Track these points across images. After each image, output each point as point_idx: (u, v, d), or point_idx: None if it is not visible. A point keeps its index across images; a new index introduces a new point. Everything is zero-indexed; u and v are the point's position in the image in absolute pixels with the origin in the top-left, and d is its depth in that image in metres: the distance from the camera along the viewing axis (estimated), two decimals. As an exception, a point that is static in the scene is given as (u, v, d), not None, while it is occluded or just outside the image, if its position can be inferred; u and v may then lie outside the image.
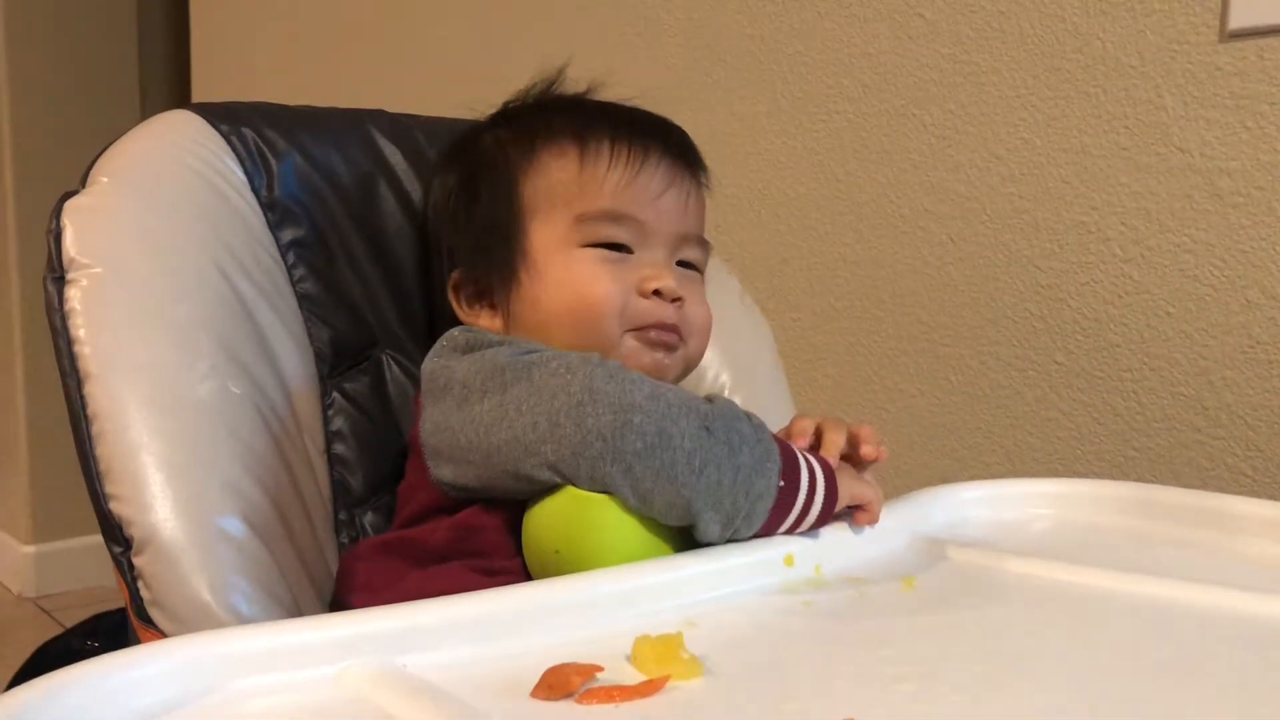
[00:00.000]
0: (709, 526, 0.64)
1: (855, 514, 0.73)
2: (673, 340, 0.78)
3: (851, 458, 0.75)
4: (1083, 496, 0.86)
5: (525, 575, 0.66)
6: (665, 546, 0.66)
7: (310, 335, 0.82)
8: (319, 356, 0.82)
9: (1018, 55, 1.22)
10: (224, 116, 0.82)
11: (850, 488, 0.71)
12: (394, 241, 0.88)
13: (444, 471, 0.69)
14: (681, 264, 0.81)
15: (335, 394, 0.83)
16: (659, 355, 0.77)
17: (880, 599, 0.67)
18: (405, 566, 0.69)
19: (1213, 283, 1.10)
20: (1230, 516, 0.80)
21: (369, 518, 0.81)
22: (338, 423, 0.82)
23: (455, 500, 0.69)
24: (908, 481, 1.34)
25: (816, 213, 1.42)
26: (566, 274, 0.76)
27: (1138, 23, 1.13)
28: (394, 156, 0.89)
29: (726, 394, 0.95)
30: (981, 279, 1.27)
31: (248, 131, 0.82)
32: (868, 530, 0.75)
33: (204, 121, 0.81)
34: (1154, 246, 1.14)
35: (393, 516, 0.79)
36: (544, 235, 0.78)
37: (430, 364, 0.72)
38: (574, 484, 0.64)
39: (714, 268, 0.99)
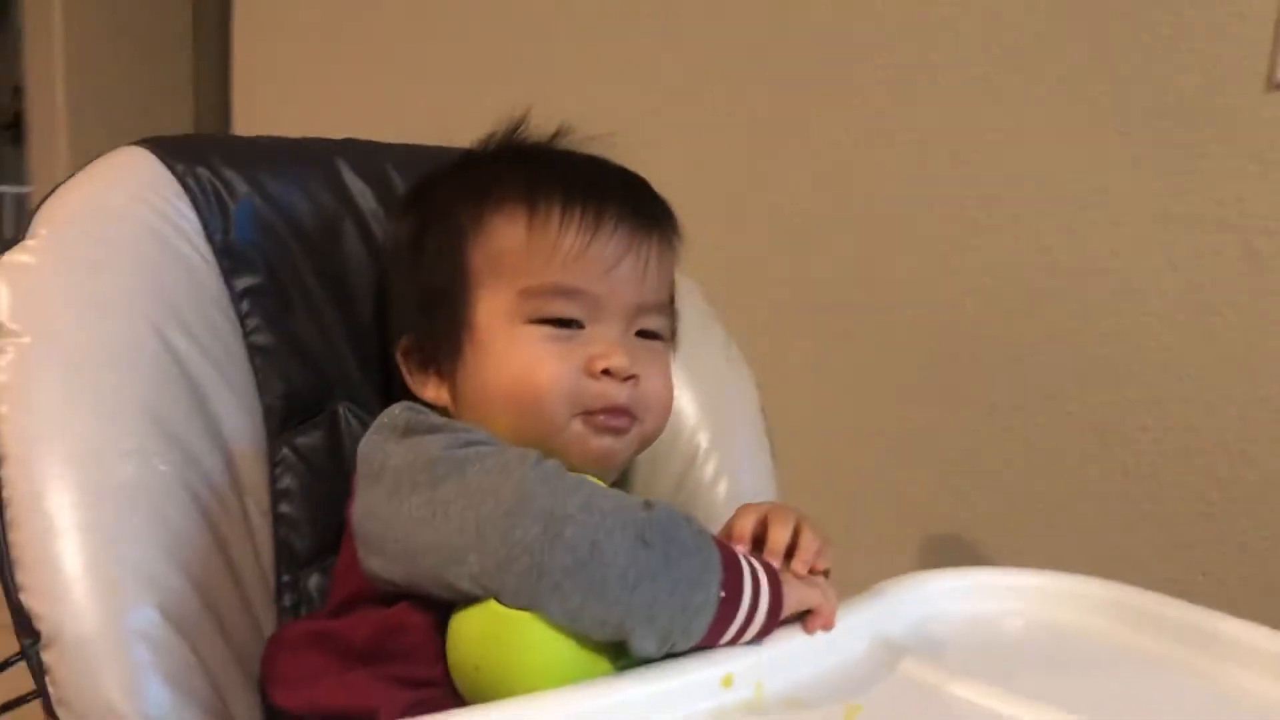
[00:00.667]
0: (643, 643, 0.61)
1: (806, 619, 0.69)
2: (623, 424, 0.74)
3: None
4: (1063, 594, 0.81)
5: (451, 686, 0.63)
6: (599, 662, 0.63)
7: (261, 390, 0.79)
8: (269, 412, 0.79)
9: (1050, 84, 1.15)
10: (180, 154, 0.78)
11: (797, 593, 0.67)
12: (357, 286, 0.84)
13: (372, 562, 0.66)
14: (642, 333, 0.77)
15: (285, 450, 0.80)
16: (607, 441, 0.73)
17: (813, 733, 0.63)
18: (326, 662, 0.66)
19: (1240, 348, 1.03)
20: (1217, 640, 0.75)
21: (314, 580, 0.79)
22: (286, 481, 0.79)
23: (385, 592, 0.66)
24: (916, 513, 1.30)
25: (834, 236, 1.36)
26: (510, 353, 0.72)
27: (1179, 60, 1.05)
28: (362, 194, 0.85)
29: (702, 455, 0.91)
30: (1000, 315, 1.21)
31: (203, 171, 0.78)
32: (823, 637, 0.71)
33: (157, 161, 0.77)
34: (1180, 303, 1.07)
35: (337, 581, 0.76)
36: (489, 307, 0.73)
37: (366, 444, 0.69)
38: (498, 599, 0.60)
39: (697, 318, 0.95)
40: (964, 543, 1.25)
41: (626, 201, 0.75)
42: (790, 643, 0.69)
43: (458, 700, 0.62)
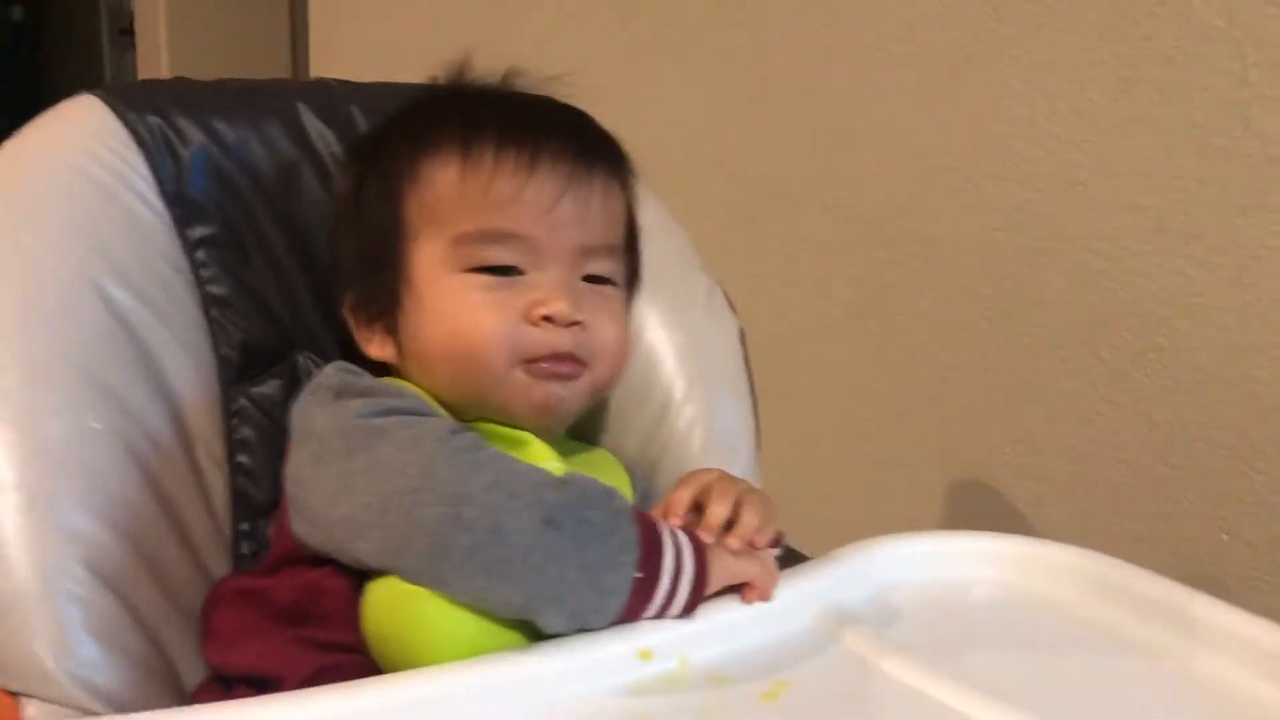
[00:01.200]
0: (552, 622, 0.60)
1: (743, 591, 0.66)
2: (568, 370, 0.71)
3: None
4: (1036, 561, 0.77)
5: (368, 653, 0.63)
6: (510, 636, 0.62)
7: (216, 341, 0.79)
8: (226, 362, 0.79)
9: (1083, 5, 1.05)
10: (131, 102, 0.77)
11: (728, 567, 0.64)
12: (317, 235, 0.83)
13: (298, 525, 0.65)
14: (591, 279, 0.74)
15: (243, 400, 0.80)
16: (551, 388, 0.71)
17: (727, 711, 0.61)
18: (252, 620, 0.67)
19: (1275, 297, 0.95)
20: (1192, 621, 0.70)
21: (272, 529, 0.79)
22: (244, 431, 0.79)
23: (313, 554, 0.66)
24: (939, 460, 1.25)
25: (859, 161, 1.29)
26: (445, 304, 0.70)
27: (1225, -22, 0.95)
28: (323, 138, 0.83)
29: (676, 404, 0.88)
30: (1029, 253, 1.14)
31: (154, 119, 0.77)
32: (762, 609, 0.69)
33: (107, 110, 0.76)
34: (1216, 245, 0.99)
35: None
36: (425, 258, 0.71)
37: (299, 405, 0.68)
38: (401, 577, 0.60)
39: (679, 264, 0.91)
40: (986, 490, 1.20)
41: (566, 139, 0.71)
42: (723, 615, 0.67)
43: (374, 668, 0.62)
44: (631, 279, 0.83)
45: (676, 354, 0.88)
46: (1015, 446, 1.17)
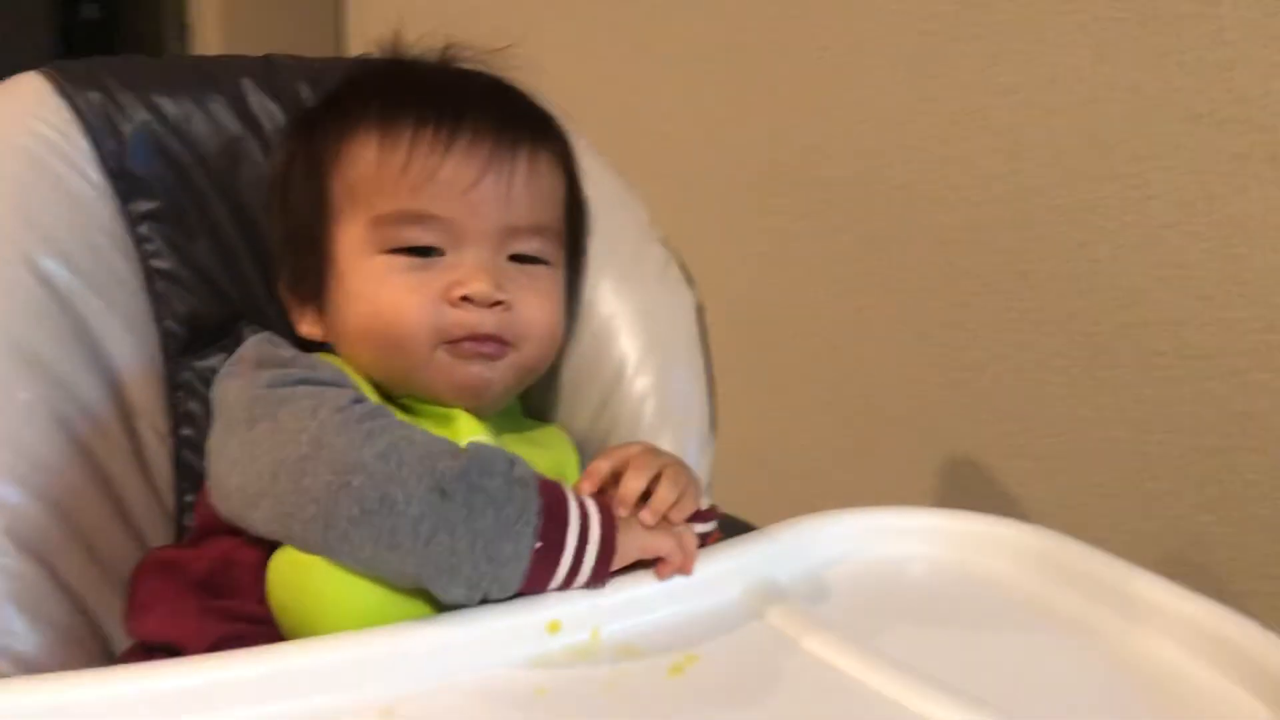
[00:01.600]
0: (449, 593, 0.59)
1: (658, 566, 0.65)
2: (492, 350, 0.70)
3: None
4: (975, 537, 0.75)
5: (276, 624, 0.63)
6: (412, 606, 0.61)
7: (159, 314, 0.79)
8: (170, 336, 0.80)
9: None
10: (74, 80, 0.78)
11: (639, 540, 0.63)
12: (262, 210, 0.83)
13: (213, 495, 0.66)
14: (519, 258, 0.73)
15: (187, 374, 0.80)
16: (476, 368, 0.70)
17: (632, 684, 0.60)
18: (167, 591, 0.67)
19: (1260, 269, 0.91)
20: (1134, 600, 0.68)
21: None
22: (189, 404, 0.80)
23: (227, 525, 0.66)
24: (923, 437, 1.22)
25: (842, 134, 1.27)
26: (365, 286, 0.70)
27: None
28: (268, 113, 0.83)
29: (629, 376, 0.87)
30: (1015, 224, 1.11)
31: (95, 95, 0.78)
32: (683, 583, 0.67)
33: (49, 87, 0.77)
34: (1199, 213, 0.95)
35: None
36: (346, 240, 0.71)
37: (218, 376, 0.68)
38: (291, 545, 0.60)
39: (634, 237, 0.90)
40: (974, 469, 1.17)
41: (487, 116, 0.70)
42: (640, 588, 0.66)
43: (280, 640, 0.62)
44: (574, 255, 0.82)
45: (629, 327, 0.87)
46: (1003, 425, 1.14)
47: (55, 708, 0.52)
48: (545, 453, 0.80)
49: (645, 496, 0.66)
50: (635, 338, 0.87)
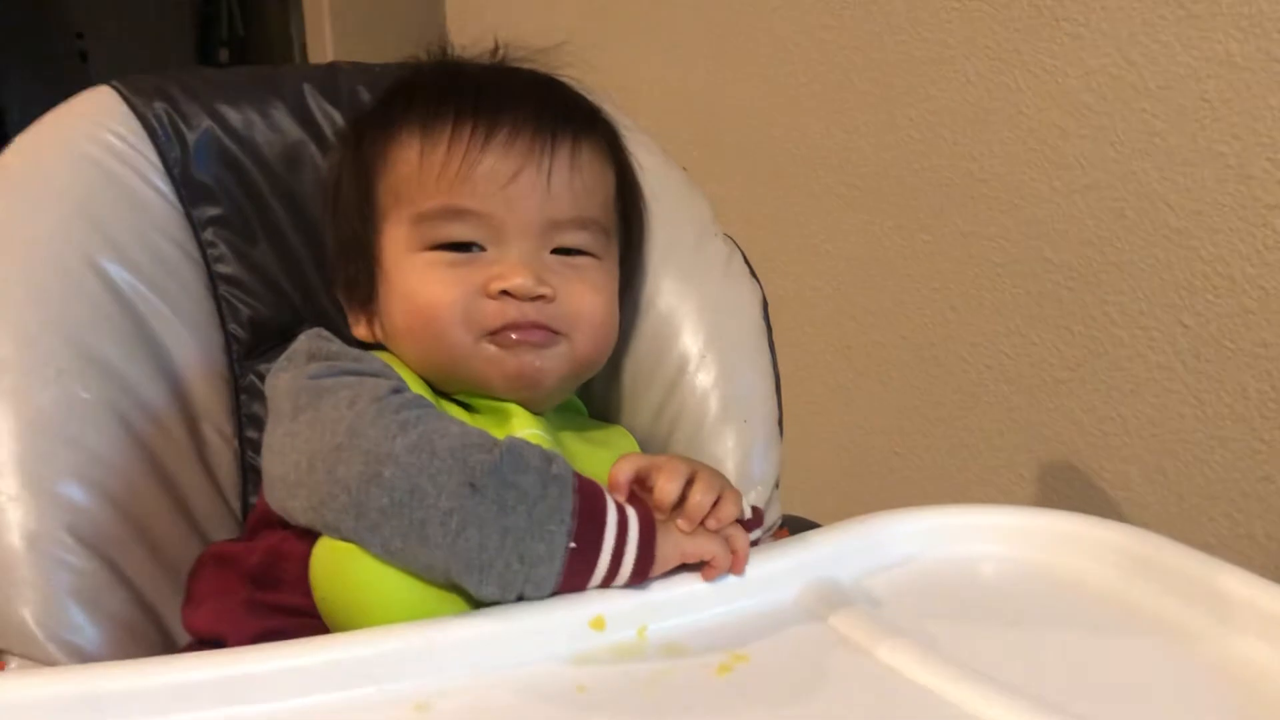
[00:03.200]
0: (481, 590, 0.58)
1: (704, 570, 0.63)
2: (539, 338, 0.69)
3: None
4: (1051, 534, 0.70)
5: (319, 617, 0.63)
6: (459, 602, 0.60)
7: (224, 318, 0.81)
8: (234, 339, 0.81)
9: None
10: (141, 92, 0.80)
11: (679, 545, 0.61)
12: (321, 214, 0.84)
13: (266, 488, 0.66)
14: (563, 251, 0.71)
15: (251, 377, 0.82)
16: (527, 357, 0.69)
17: (676, 683, 0.58)
18: (221, 584, 0.67)
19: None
20: (1225, 601, 0.62)
21: (268, 495, 0.80)
22: (253, 407, 0.81)
23: (279, 518, 0.67)
24: (1022, 439, 1.17)
25: (924, 121, 1.22)
26: (407, 283, 0.70)
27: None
28: (328, 118, 0.84)
29: (691, 372, 0.85)
30: (1108, 213, 1.05)
31: (161, 105, 0.80)
32: (737, 583, 0.65)
33: (118, 99, 0.79)
34: (1305, 192, 0.88)
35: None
36: (391, 240, 0.71)
37: (271, 371, 0.69)
38: (325, 534, 0.59)
39: (695, 231, 0.88)
40: (1070, 471, 1.11)
41: (526, 109, 0.70)
42: (690, 586, 0.64)
43: (325, 633, 0.61)
44: (629, 248, 0.80)
45: (691, 323, 0.85)
46: (1101, 425, 1.08)
47: (88, 697, 0.52)
48: (607, 452, 0.79)
49: (680, 503, 0.64)
50: (697, 333, 0.85)
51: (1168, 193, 0.98)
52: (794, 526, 0.91)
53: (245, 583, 0.67)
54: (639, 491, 0.63)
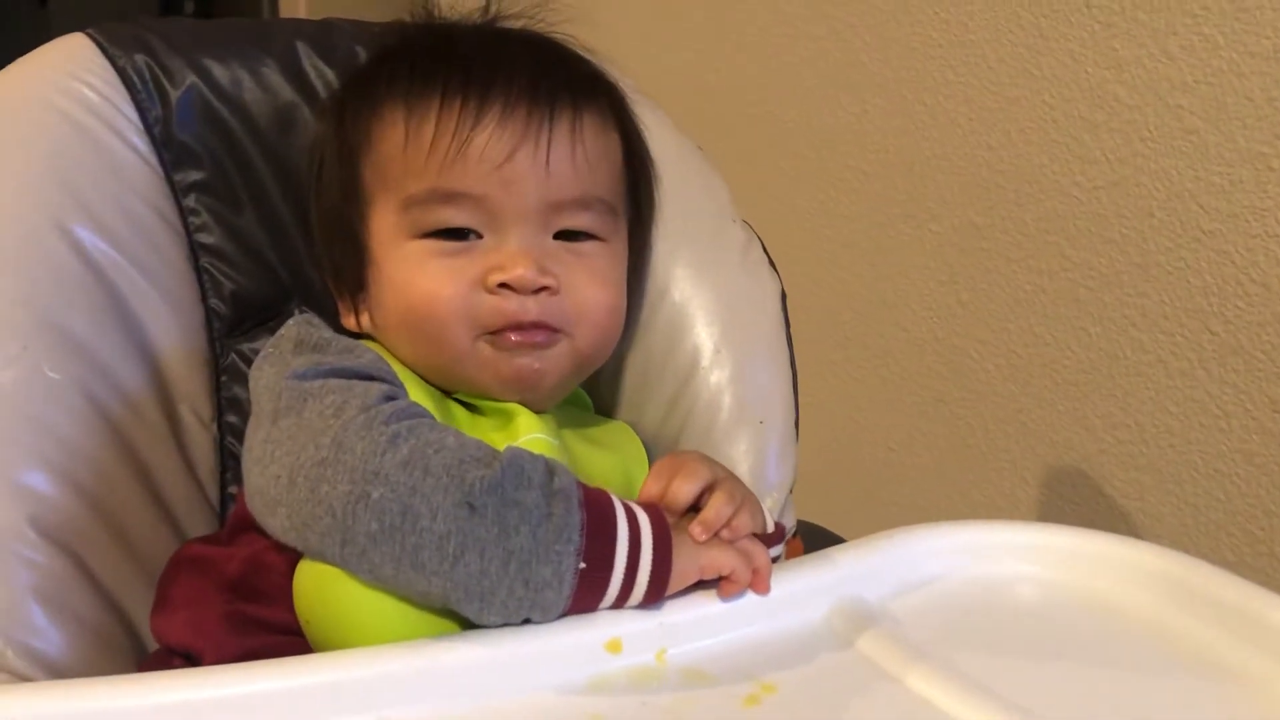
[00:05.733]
0: (482, 618, 0.53)
1: (722, 585, 0.58)
2: (539, 339, 0.64)
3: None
4: (1092, 557, 0.66)
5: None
6: (454, 623, 0.55)
7: (204, 292, 0.75)
8: (214, 315, 0.75)
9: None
10: (120, 42, 0.73)
11: (699, 557, 0.56)
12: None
13: (247, 496, 0.60)
14: (566, 235, 0.66)
15: (233, 356, 0.76)
16: (524, 361, 0.64)
17: (700, 715, 0.53)
18: (197, 591, 0.61)
19: None
20: (1272, 632, 0.58)
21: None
22: (234, 389, 0.75)
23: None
24: (1031, 443, 1.13)
25: (943, 112, 1.17)
26: (399, 274, 0.64)
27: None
28: (322, 78, 0.77)
29: (704, 368, 0.79)
30: (1136, 212, 1.01)
31: (142, 58, 0.73)
32: (760, 602, 0.60)
33: (95, 49, 0.73)
34: (1352, 199, 0.84)
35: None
36: (380, 227, 0.65)
37: (256, 360, 0.63)
38: (309, 557, 0.54)
39: (713, 216, 0.82)
40: (1083, 479, 1.07)
41: (521, 80, 0.64)
42: (711, 606, 0.59)
43: (309, 651, 0.56)
44: (638, 225, 0.74)
45: (705, 315, 0.79)
46: (1116, 431, 1.04)
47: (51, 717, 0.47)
48: (610, 454, 0.74)
49: (695, 510, 0.59)
50: (712, 326, 0.79)
51: (1200, 193, 0.94)
52: (805, 532, 0.87)
53: (223, 591, 0.61)
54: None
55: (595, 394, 0.80)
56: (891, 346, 1.27)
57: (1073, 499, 1.08)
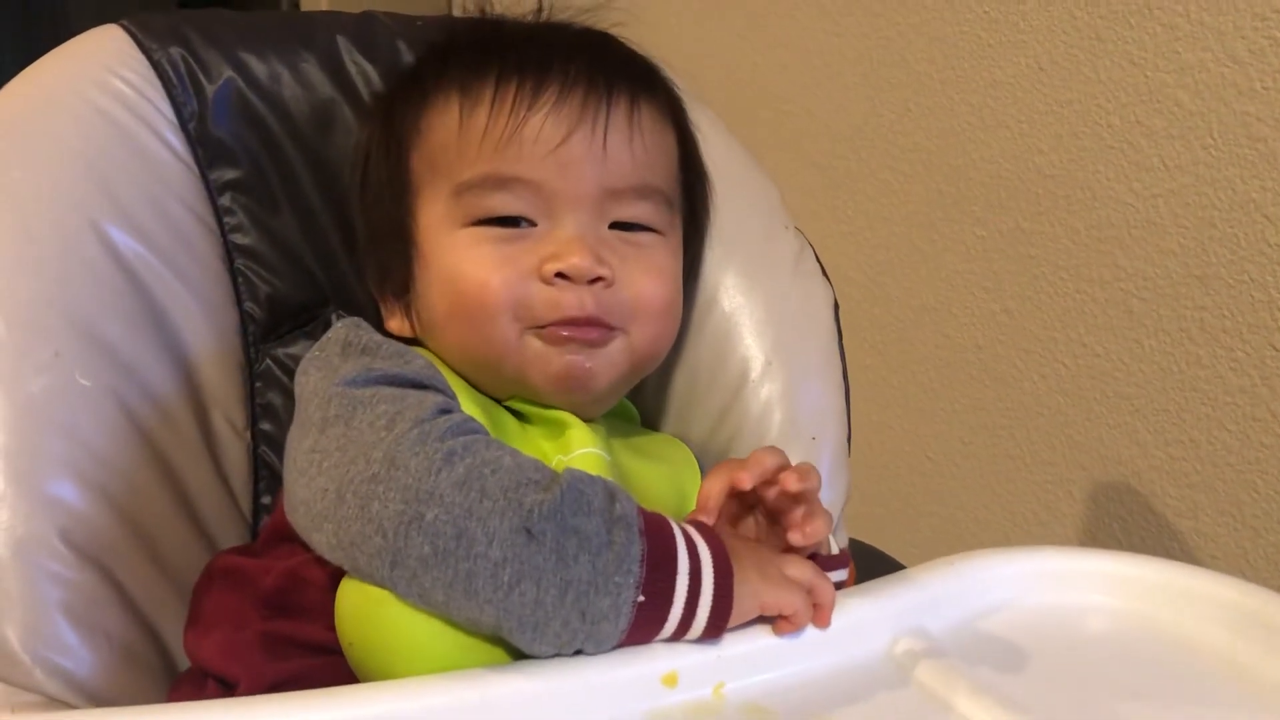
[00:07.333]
0: (534, 648, 0.50)
1: (778, 624, 0.55)
2: (592, 335, 0.61)
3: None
4: (1170, 590, 0.63)
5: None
6: (499, 653, 0.52)
7: (239, 295, 0.72)
8: (249, 319, 0.72)
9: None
10: (155, 34, 0.71)
11: (761, 595, 0.53)
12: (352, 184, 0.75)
13: (285, 499, 0.58)
14: (621, 226, 0.63)
15: (268, 362, 0.73)
16: (574, 358, 0.61)
17: (762, 757, 0.50)
18: (233, 606, 0.59)
19: None
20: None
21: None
22: (268, 395, 0.72)
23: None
24: (1077, 456, 1.10)
25: (994, 115, 1.14)
26: (448, 263, 0.61)
27: None
28: (363, 75, 0.75)
29: (754, 382, 0.76)
30: (1196, 221, 0.97)
31: (177, 51, 0.71)
32: (819, 635, 0.57)
33: (129, 42, 0.70)
34: None
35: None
36: (428, 215, 0.63)
37: (302, 363, 0.60)
38: (355, 577, 0.51)
39: (764, 222, 0.79)
40: (1133, 497, 1.04)
41: (577, 64, 0.61)
42: (769, 639, 0.56)
43: (352, 677, 0.53)
44: (692, 226, 0.72)
45: (756, 325, 0.76)
46: (1170, 449, 1.01)
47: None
48: (661, 465, 0.71)
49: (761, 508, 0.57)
50: (762, 337, 0.77)
51: (1267, 204, 0.91)
52: (854, 551, 0.84)
53: (259, 607, 0.58)
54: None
55: (640, 407, 0.77)
56: (931, 354, 1.24)
57: (1120, 515, 1.05)
